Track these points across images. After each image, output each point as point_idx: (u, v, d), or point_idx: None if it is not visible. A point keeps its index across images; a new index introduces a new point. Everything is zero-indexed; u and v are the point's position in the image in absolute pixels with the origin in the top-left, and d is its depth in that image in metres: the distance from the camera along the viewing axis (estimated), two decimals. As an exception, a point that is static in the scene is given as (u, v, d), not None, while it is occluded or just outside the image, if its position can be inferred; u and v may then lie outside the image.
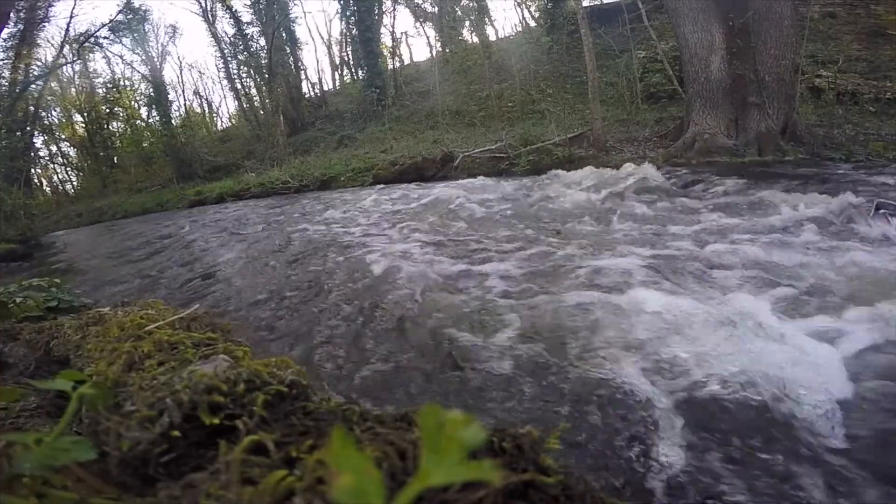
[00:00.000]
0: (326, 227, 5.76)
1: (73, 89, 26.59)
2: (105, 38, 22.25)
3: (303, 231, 5.74)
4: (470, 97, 17.51)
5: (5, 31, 15.30)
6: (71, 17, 19.84)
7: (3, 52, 16.97)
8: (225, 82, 31.85)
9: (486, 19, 22.47)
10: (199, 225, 8.65)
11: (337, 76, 28.22)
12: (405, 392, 1.85)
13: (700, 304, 2.16)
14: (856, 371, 1.61)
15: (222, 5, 23.25)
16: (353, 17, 21.21)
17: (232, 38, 24.13)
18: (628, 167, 6.80)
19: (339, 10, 22.95)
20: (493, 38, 22.39)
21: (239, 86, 25.87)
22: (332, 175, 12.73)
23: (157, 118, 23.65)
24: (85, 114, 26.36)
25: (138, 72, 24.91)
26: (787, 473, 1.22)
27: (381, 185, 10.09)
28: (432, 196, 7.01)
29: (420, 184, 9.54)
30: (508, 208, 5.60)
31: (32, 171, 22.80)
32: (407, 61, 25.82)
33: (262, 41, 22.19)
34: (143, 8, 22.58)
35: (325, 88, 27.35)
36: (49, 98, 24.15)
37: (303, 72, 25.92)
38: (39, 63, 19.60)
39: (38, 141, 24.92)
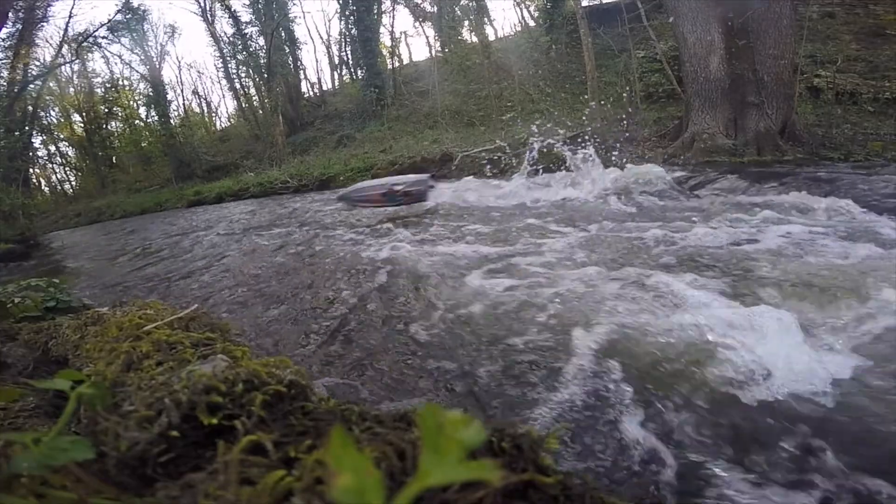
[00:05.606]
0: (325, 227, 5.76)
1: (71, 89, 26.55)
2: (104, 37, 22.27)
3: (301, 230, 5.73)
4: (469, 97, 17.51)
5: (4, 30, 15.27)
6: (70, 16, 19.93)
7: (1, 51, 16.97)
8: (224, 82, 31.97)
9: (486, 19, 22.47)
10: (197, 224, 8.64)
11: (336, 76, 28.17)
12: (405, 388, 1.85)
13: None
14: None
15: (221, 5, 23.26)
16: (352, 17, 21.18)
17: (231, 38, 24.13)
18: (629, 167, 6.79)
19: (338, 10, 22.93)
20: (492, 37, 22.41)
21: (238, 85, 25.89)
22: (332, 175, 12.73)
23: (156, 118, 23.66)
24: (83, 113, 26.29)
25: (137, 71, 24.93)
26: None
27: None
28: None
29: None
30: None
31: (31, 170, 22.73)
32: (406, 61, 25.78)
33: (261, 41, 22.19)
34: (142, 8, 22.60)
35: (325, 88, 27.36)
36: (47, 98, 24.13)
37: (302, 71, 25.91)
38: (38, 63, 19.59)
39: (37, 141, 24.90)
